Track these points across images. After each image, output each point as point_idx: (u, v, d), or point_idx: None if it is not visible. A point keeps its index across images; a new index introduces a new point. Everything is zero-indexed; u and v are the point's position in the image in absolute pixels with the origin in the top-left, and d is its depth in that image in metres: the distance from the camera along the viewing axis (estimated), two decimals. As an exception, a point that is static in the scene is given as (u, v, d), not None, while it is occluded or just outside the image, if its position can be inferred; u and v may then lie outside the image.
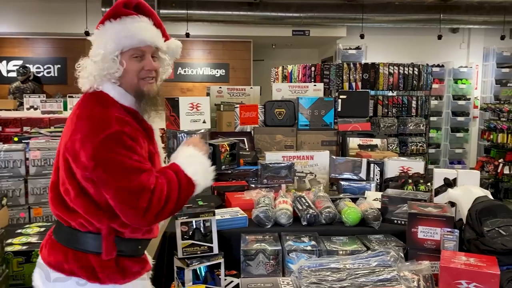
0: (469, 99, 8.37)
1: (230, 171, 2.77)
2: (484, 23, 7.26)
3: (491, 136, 6.21)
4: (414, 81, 5.12)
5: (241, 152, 3.06)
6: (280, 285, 1.79)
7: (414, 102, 5.17)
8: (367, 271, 1.81)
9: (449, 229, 1.95)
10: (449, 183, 2.27)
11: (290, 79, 5.32)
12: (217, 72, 8.00)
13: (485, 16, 7.08)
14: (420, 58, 7.64)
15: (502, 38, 7.20)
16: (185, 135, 2.59)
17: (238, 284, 2.01)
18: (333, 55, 8.38)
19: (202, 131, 2.67)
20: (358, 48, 7.97)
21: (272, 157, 2.79)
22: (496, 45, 8.42)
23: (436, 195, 2.33)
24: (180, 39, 1.74)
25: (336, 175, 2.87)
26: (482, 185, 5.76)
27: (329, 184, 2.93)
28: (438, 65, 8.28)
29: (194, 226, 2.01)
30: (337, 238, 2.15)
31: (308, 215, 2.23)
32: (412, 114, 5.17)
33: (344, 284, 1.69)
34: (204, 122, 2.64)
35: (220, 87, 3.55)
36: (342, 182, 2.79)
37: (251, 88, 3.64)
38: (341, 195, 2.62)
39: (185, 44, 7.98)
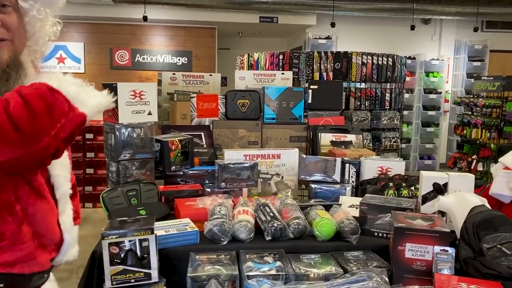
0: (440, 92, 8.22)
1: (182, 173, 2.34)
2: (457, 14, 7.06)
3: (464, 131, 6.02)
4: (388, 72, 4.81)
5: (196, 150, 2.63)
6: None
7: (387, 95, 4.87)
8: (345, 303, 1.44)
9: (443, 248, 1.59)
10: (440, 189, 1.93)
11: (256, 68, 4.90)
12: (179, 60, 7.49)
13: (458, 6, 6.87)
14: (392, 50, 7.37)
15: (475, 30, 7.03)
16: (126, 129, 2.13)
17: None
18: (302, 44, 8.01)
19: (149, 125, 2.21)
20: (328, 37, 7.63)
21: (232, 155, 2.37)
22: (468, 37, 8.29)
23: (423, 202, 1.98)
24: (137, 24, 1.29)
25: (306, 176, 2.49)
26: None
27: (298, 187, 2.55)
28: (409, 57, 8.07)
29: (128, 247, 1.57)
30: (307, 256, 1.76)
31: (273, 228, 1.83)
32: (386, 107, 4.87)
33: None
34: (149, 113, 2.18)
35: (174, 74, 3.09)
36: (313, 185, 2.41)
37: (211, 75, 3.20)
38: (312, 201, 2.24)
39: (144, 29, 7.44)
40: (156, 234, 1.60)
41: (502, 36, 8.54)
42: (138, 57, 7.39)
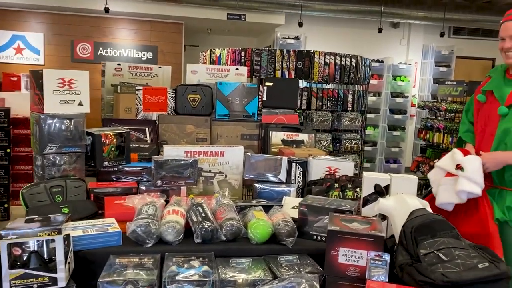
0: (407, 96, 8.27)
1: (116, 169, 2.19)
2: (424, 19, 7.11)
3: (427, 135, 6.04)
4: (351, 73, 4.75)
5: (137, 145, 2.48)
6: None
7: (350, 96, 4.81)
8: (267, 312, 1.33)
9: (377, 253, 1.50)
10: (381, 191, 1.84)
11: (218, 64, 4.76)
12: (144, 55, 7.26)
13: (426, 11, 6.92)
14: (360, 52, 7.34)
15: (442, 35, 7.09)
16: (52, 120, 1.96)
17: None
18: (271, 44, 7.92)
19: (79, 116, 2.05)
20: (297, 38, 7.56)
21: (171, 152, 2.23)
22: (435, 43, 8.37)
23: (364, 204, 1.89)
24: (101, 16, 1.13)
25: (252, 175, 2.37)
26: (417, 186, 5.55)
27: (243, 187, 2.43)
28: (377, 60, 8.09)
29: (32, 249, 1.42)
30: (238, 260, 1.65)
31: (203, 230, 1.71)
32: (348, 109, 4.81)
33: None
34: (80, 104, 2.02)
35: (119, 64, 2.92)
36: (258, 185, 2.29)
37: (160, 68, 3.04)
38: (254, 202, 2.13)
39: (108, 22, 7.18)
40: (66, 235, 1.45)
41: (468, 42, 8.67)
42: (101, 51, 7.13)
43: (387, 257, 1.49)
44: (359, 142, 4.69)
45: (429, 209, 1.73)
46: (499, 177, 2.17)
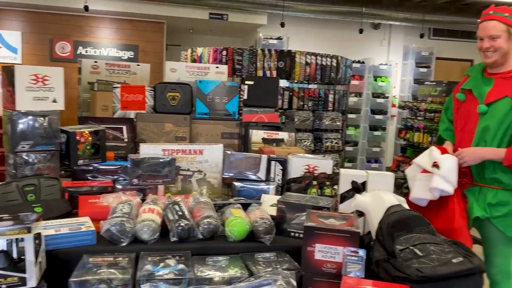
0: (387, 97, 8.36)
1: (92, 168, 2.15)
2: (404, 20, 7.20)
3: (408, 135, 6.11)
4: (332, 73, 4.78)
5: (114, 144, 2.44)
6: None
7: (331, 96, 4.84)
8: (243, 310, 1.31)
9: (353, 249, 1.50)
10: (357, 188, 1.84)
11: (200, 63, 4.74)
12: (125, 54, 7.17)
13: (405, 13, 7.00)
14: (342, 53, 7.37)
15: (421, 36, 7.19)
16: (25, 118, 1.92)
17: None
18: (254, 44, 7.92)
19: (53, 113, 2.00)
20: (279, 38, 7.57)
21: (149, 150, 2.21)
22: (416, 44, 8.48)
23: (342, 201, 1.90)
24: (80, 14, 1.09)
25: (231, 174, 2.35)
26: (398, 185, 5.62)
27: (222, 185, 2.41)
28: (359, 61, 8.16)
29: (0, 248, 1.37)
30: (214, 258, 1.63)
31: (180, 228, 1.69)
32: (329, 108, 4.84)
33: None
34: (54, 101, 1.98)
35: (96, 61, 2.87)
36: (237, 183, 2.28)
37: (138, 65, 3.01)
38: (232, 200, 2.11)
39: (88, 21, 7.08)
40: (37, 234, 1.42)
41: (448, 44, 8.80)
42: (80, 50, 7.01)
43: (363, 253, 1.50)
44: (340, 142, 4.72)
45: (406, 205, 1.74)
46: (479, 174, 2.21)
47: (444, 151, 2.16)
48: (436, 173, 2.03)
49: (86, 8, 5.77)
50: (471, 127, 2.26)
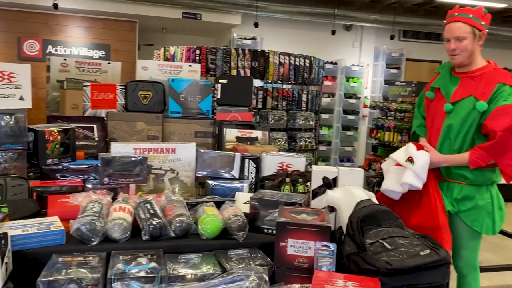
0: (359, 98, 8.50)
1: (61, 167, 2.10)
2: (375, 22, 7.35)
3: (379, 135, 6.23)
4: (305, 74, 4.83)
5: (84, 143, 2.40)
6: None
7: (304, 96, 4.89)
8: (216, 306, 1.32)
9: (324, 243, 1.52)
10: (328, 183, 1.87)
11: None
12: (96, 53, 7.04)
13: (376, 14, 7.15)
14: (315, 54, 7.47)
15: (392, 37, 7.35)
16: (-10, 116, 1.86)
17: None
18: (228, 44, 7.92)
19: (20, 111, 1.95)
20: (253, 38, 7.60)
21: (120, 148, 2.17)
22: (386, 45, 8.66)
23: (313, 197, 1.93)
24: (50, 13, 1.06)
25: (204, 172, 2.35)
26: (369, 183, 5.74)
27: (197, 184, 2.41)
28: (331, 62, 8.27)
29: (-36, 249, 1.33)
30: (187, 256, 1.62)
31: (152, 226, 1.67)
32: (302, 108, 4.89)
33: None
34: (21, 99, 1.93)
35: (65, 59, 2.82)
36: (210, 182, 2.28)
37: (109, 63, 2.96)
38: (205, 198, 2.11)
39: (57, 19, 6.92)
40: (3, 234, 1.38)
41: (417, 45, 9.03)
42: (50, 48, 6.84)
43: (334, 247, 1.52)
44: (313, 141, 4.78)
45: (375, 200, 1.78)
46: (446, 170, 2.28)
47: (420, 148, 2.22)
48: (410, 168, 2.09)
49: (55, 6, 5.64)
50: (438, 125, 2.33)
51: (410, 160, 2.14)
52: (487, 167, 2.19)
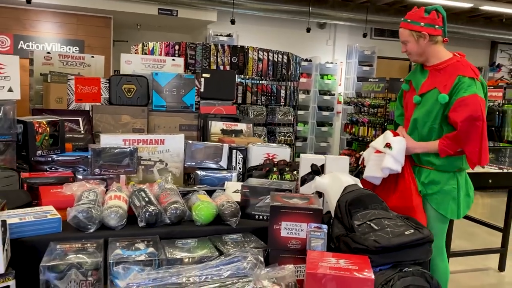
0: (333, 94, 8.68)
1: (50, 159, 2.11)
2: (348, 20, 7.52)
3: (353, 130, 6.40)
4: (283, 69, 4.92)
5: (71, 135, 2.40)
6: (96, 313, 1.26)
7: (283, 92, 4.98)
8: (216, 285, 1.37)
9: (316, 225, 1.61)
10: (317, 170, 1.96)
11: (151, 58, 4.69)
12: (70, 49, 6.92)
13: (349, 13, 7.33)
14: (290, 51, 7.64)
15: (364, 35, 7.54)
16: (-21, 107, 1.85)
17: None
18: (204, 41, 7.93)
19: (9, 103, 1.94)
20: (229, 35, 7.65)
21: (109, 140, 2.19)
22: (359, 43, 8.87)
23: (302, 184, 2.01)
24: (21, 7, 1.07)
25: (193, 163, 2.39)
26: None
27: (185, 175, 2.45)
28: (306, 60, 8.40)
29: (-35, 236, 1.34)
30: (183, 241, 1.67)
31: (147, 213, 1.71)
32: (281, 103, 4.98)
33: (183, 307, 1.22)
34: (10, 90, 1.92)
35: (49, 52, 2.80)
36: (199, 172, 2.32)
37: (93, 57, 2.96)
38: (196, 187, 2.15)
39: (29, 14, 6.76)
40: (2, 221, 1.39)
41: (388, 44, 9.29)
42: (21, 44, 6.68)
43: (325, 228, 1.60)
44: (292, 136, 4.87)
45: (360, 185, 1.87)
46: (416, 157, 2.41)
47: (396, 135, 2.37)
48: (388, 153, 2.23)
49: (28, 0, 5.52)
50: (409, 116, 2.48)
51: (388, 145, 2.28)
52: (455, 155, 2.33)
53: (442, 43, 2.38)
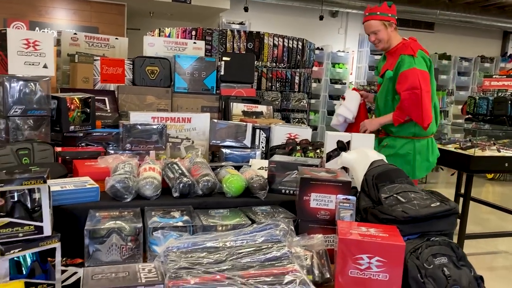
0: (344, 83, 8.68)
1: (82, 135, 2.17)
2: (361, 8, 7.50)
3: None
4: (298, 56, 4.95)
5: (99, 114, 2.47)
6: (139, 273, 1.32)
7: (297, 78, 5.01)
8: (252, 249, 1.44)
9: (345, 196, 1.66)
10: (343, 146, 2.01)
11: (168, 44, 4.74)
12: (84, 36, 6.99)
13: (362, 1, 7.31)
14: (302, 39, 7.65)
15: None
16: (17, 82, 1.91)
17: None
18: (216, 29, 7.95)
19: (44, 79, 2.00)
20: (242, 23, 7.66)
21: (138, 117, 2.26)
22: (370, 33, 8.85)
23: (328, 160, 2.06)
24: None
25: (218, 141, 2.45)
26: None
27: (209, 153, 2.51)
28: (318, 48, 8.40)
29: (15, 199, 1.41)
30: (216, 211, 1.74)
31: (181, 184, 1.77)
32: (295, 90, 5.01)
33: (223, 266, 1.29)
34: (45, 67, 1.98)
35: (75, 33, 2.85)
36: (224, 150, 2.38)
37: (117, 39, 3.01)
38: (223, 163, 2.21)
39: (44, 1, 6.83)
40: (49, 186, 1.46)
41: (400, 33, 9.21)
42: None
43: (354, 200, 1.66)
44: (306, 122, 4.91)
45: (386, 161, 1.92)
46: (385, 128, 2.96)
47: (354, 89, 3.10)
48: (342, 103, 2.92)
49: (45, -14, 5.57)
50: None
51: (343, 98, 3.00)
52: (406, 122, 2.80)
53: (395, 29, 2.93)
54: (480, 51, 9.86)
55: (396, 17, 2.93)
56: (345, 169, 1.99)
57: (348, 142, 2.04)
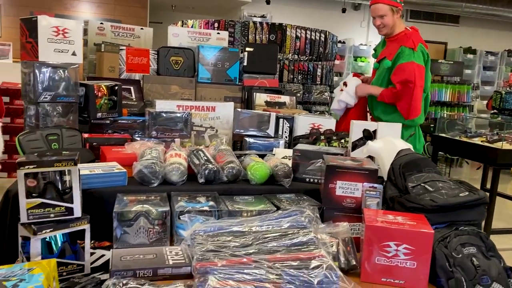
0: (366, 77, 8.59)
1: (108, 121, 2.21)
2: (384, 1, 7.38)
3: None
4: (321, 48, 4.91)
5: (125, 102, 2.50)
6: (166, 255, 1.34)
7: (319, 71, 4.98)
8: (277, 234, 1.43)
9: (371, 184, 1.64)
10: (369, 135, 1.99)
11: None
12: (108, 29, 7.09)
13: (386, -7, 7.18)
14: (323, 32, 7.59)
15: (401, 16, 7.39)
16: (47, 69, 1.95)
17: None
18: (238, 22, 7.97)
19: (73, 66, 2.04)
20: (263, 16, 7.64)
21: (164, 105, 2.28)
22: (393, 26, 8.71)
23: (353, 149, 2.04)
24: None
25: (241, 130, 2.45)
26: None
27: (233, 142, 2.52)
28: (340, 41, 8.32)
29: (47, 180, 1.44)
30: (241, 197, 1.74)
31: (207, 170, 1.79)
32: (317, 82, 4.98)
33: (250, 250, 1.29)
34: (74, 54, 2.02)
35: (102, 23, 2.89)
36: (248, 139, 2.38)
37: (142, 29, 3.04)
38: (247, 152, 2.22)
39: (69, -7, 6.94)
40: (78, 169, 1.49)
41: (424, 26, 9.07)
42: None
43: (380, 188, 1.64)
44: (327, 114, 4.88)
45: (413, 150, 1.90)
46: (373, 114, 3.00)
47: (355, 75, 3.06)
48: (344, 89, 2.93)
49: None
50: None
51: (345, 84, 2.98)
52: (388, 103, 2.84)
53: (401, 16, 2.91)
54: (507, 45, 9.60)
55: (404, 7, 2.96)
56: (371, 158, 1.97)
57: (375, 131, 2.01)
